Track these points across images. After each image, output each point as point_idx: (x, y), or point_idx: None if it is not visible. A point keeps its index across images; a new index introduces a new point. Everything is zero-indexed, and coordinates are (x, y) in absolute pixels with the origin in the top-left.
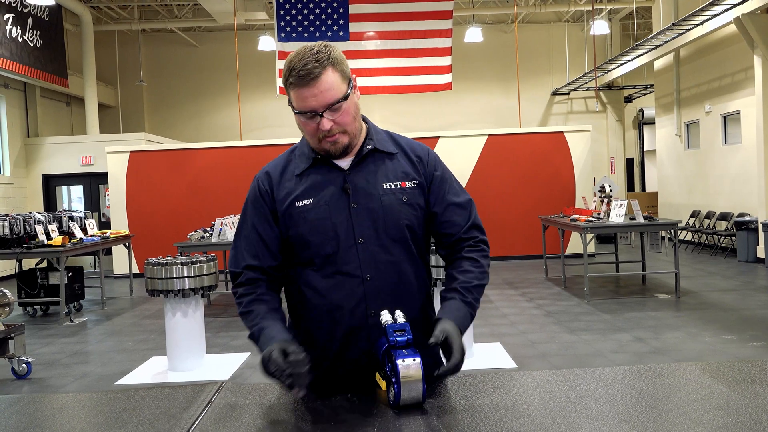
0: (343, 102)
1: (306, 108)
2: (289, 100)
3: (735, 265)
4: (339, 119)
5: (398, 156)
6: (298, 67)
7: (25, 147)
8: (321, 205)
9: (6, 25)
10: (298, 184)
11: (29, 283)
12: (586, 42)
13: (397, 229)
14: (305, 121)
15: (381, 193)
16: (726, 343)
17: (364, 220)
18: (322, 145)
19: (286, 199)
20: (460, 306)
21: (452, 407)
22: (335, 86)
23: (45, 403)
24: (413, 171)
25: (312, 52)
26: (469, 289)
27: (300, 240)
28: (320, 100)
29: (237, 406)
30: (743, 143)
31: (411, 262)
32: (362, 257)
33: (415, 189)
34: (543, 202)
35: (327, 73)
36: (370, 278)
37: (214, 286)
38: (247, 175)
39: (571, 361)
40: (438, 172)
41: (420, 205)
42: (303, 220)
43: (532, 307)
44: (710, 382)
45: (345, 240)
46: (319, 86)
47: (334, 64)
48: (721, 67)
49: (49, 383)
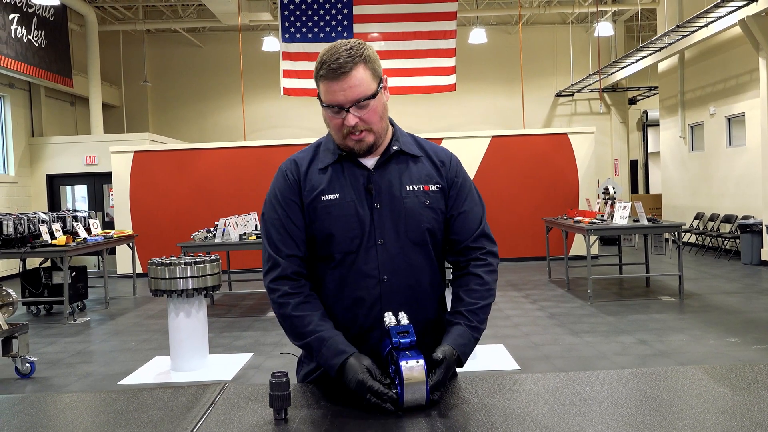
0: (371, 100)
1: (333, 102)
2: (318, 93)
3: (739, 267)
4: (365, 117)
5: (423, 159)
6: (330, 61)
7: (30, 147)
8: (346, 202)
9: (11, 25)
10: (323, 178)
11: (33, 283)
12: (590, 43)
13: (419, 232)
14: (331, 116)
15: (404, 195)
16: (730, 345)
17: (386, 221)
18: (347, 141)
19: (312, 192)
20: (463, 331)
21: (455, 409)
22: (365, 83)
23: (48, 402)
24: (436, 175)
25: (345, 47)
26: (475, 311)
27: (323, 234)
28: (348, 95)
29: (240, 407)
30: (748, 145)
31: (428, 266)
32: (381, 258)
33: (437, 193)
34: (546, 204)
35: (358, 69)
36: (387, 279)
37: (217, 286)
38: (251, 175)
39: (575, 364)
40: (459, 179)
41: (441, 210)
42: (327, 215)
43: (536, 309)
44: (714, 386)
45: (366, 240)
46: (348, 81)
47: (366, 61)
48: (725, 69)
49: (53, 383)
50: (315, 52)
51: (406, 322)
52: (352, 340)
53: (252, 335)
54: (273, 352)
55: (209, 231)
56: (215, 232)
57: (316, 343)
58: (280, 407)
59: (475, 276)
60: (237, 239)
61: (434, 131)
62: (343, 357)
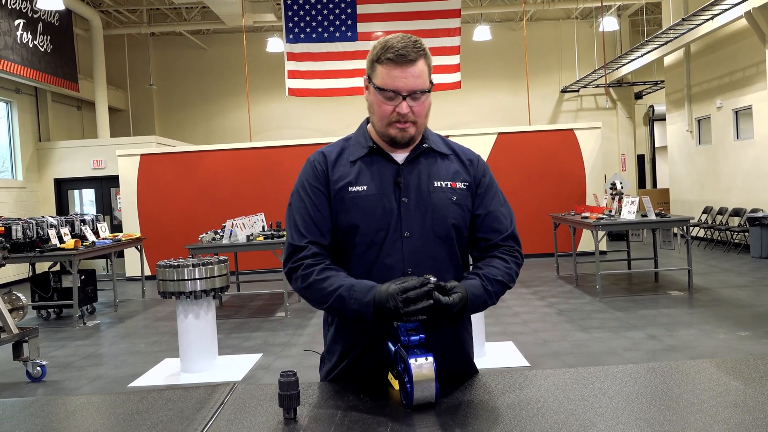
0: (425, 94)
1: (392, 87)
2: (369, 77)
3: (748, 261)
4: (416, 109)
5: (451, 157)
6: (398, 47)
7: (37, 151)
8: (374, 194)
9: (17, 31)
10: (352, 170)
11: (43, 287)
12: (595, 39)
13: (444, 227)
14: (383, 101)
15: (432, 190)
16: (740, 339)
17: (412, 215)
18: (389, 129)
19: (339, 182)
20: (478, 285)
21: (466, 406)
22: (424, 76)
23: (59, 405)
24: (464, 172)
25: (411, 39)
26: (491, 281)
27: (348, 225)
28: (409, 83)
29: (250, 408)
30: (755, 138)
31: (452, 262)
32: (406, 251)
33: (464, 190)
34: (553, 200)
35: (421, 62)
36: (411, 272)
37: (225, 287)
38: (257, 176)
39: (584, 360)
40: (485, 179)
41: (467, 207)
42: (354, 206)
43: (544, 305)
44: (726, 379)
45: (392, 232)
46: (412, 71)
47: (426, 57)
48: (732, 62)
49: (63, 386)
50: (319, 52)
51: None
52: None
53: (261, 336)
54: (282, 352)
55: (216, 232)
56: (222, 233)
57: (346, 292)
58: (290, 407)
59: (499, 258)
60: (244, 240)
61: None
62: (375, 289)
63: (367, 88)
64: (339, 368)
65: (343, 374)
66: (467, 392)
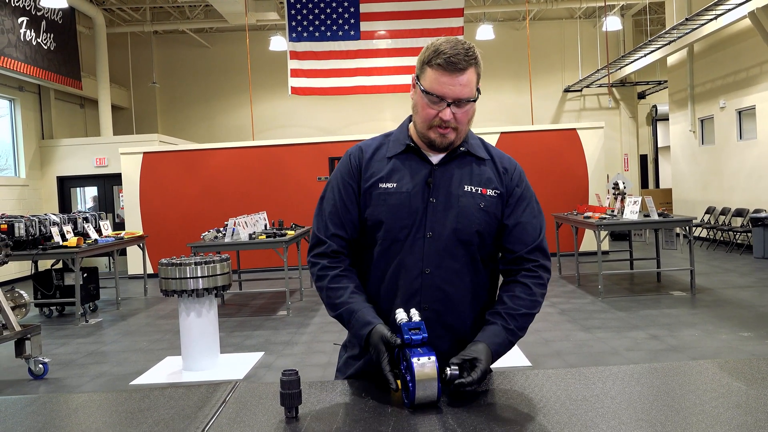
0: (470, 103)
1: (439, 92)
2: (418, 77)
3: (751, 261)
4: (459, 116)
5: (487, 163)
6: (450, 53)
7: (40, 149)
8: (402, 192)
9: (20, 29)
10: (386, 166)
11: (45, 284)
12: (598, 38)
13: (469, 232)
14: (428, 104)
15: (461, 194)
16: (743, 340)
17: (438, 216)
18: (430, 132)
19: (371, 178)
20: (500, 332)
21: (467, 406)
22: (471, 85)
23: (61, 402)
24: (497, 180)
25: (464, 46)
26: (514, 317)
27: (374, 220)
28: (456, 91)
29: (251, 406)
30: (759, 138)
31: (472, 269)
32: (427, 251)
33: (494, 198)
34: (556, 200)
35: (471, 71)
36: (429, 273)
37: (227, 285)
38: (259, 174)
39: (586, 360)
40: (519, 189)
41: (496, 216)
42: (382, 202)
43: (546, 305)
44: (728, 380)
45: (416, 231)
46: (461, 79)
47: (477, 65)
48: (735, 62)
49: (65, 383)
50: (322, 51)
51: (417, 319)
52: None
53: (263, 334)
54: (284, 351)
55: (219, 231)
56: (225, 231)
57: (347, 315)
58: (291, 405)
59: (522, 285)
60: (247, 239)
61: None
62: (369, 328)
63: (413, 87)
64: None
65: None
66: (469, 392)
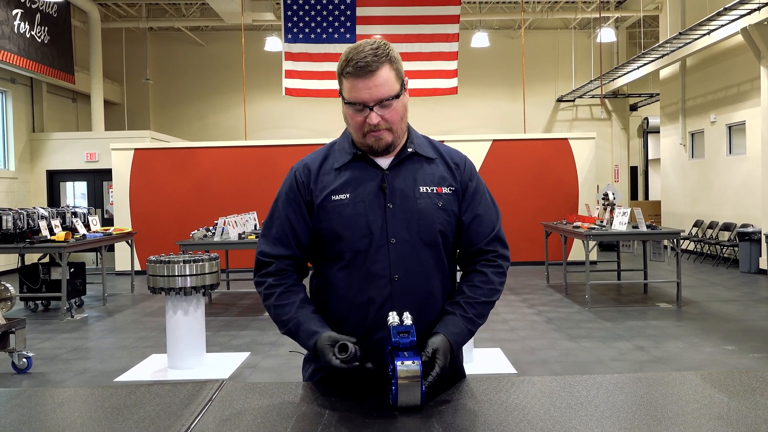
0: (394, 100)
1: (357, 100)
2: (340, 90)
3: (737, 275)
4: (387, 116)
5: (437, 161)
6: (357, 59)
7: (30, 142)
8: (357, 202)
9: (14, 21)
10: (336, 178)
11: (31, 278)
12: (592, 49)
13: (431, 233)
14: (353, 113)
15: (417, 196)
16: (727, 353)
17: (398, 221)
18: (366, 139)
19: (322, 192)
20: (458, 322)
21: (452, 411)
22: (389, 83)
23: (46, 397)
24: (450, 177)
25: (372, 46)
26: (473, 305)
27: (332, 234)
28: (373, 93)
29: (238, 405)
30: (748, 154)
31: (439, 268)
32: (393, 257)
33: (450, 195)
34: (546, 209)
35: (383, 69)
36: (398, 279)
37: (215, 284)
38: (251, 175)
39: (571, 368)
40: (472, 182)
41: (454, 212)
42: (338, 215)
43: (533, 313)
44: (711, 392)
45: (378, 239)
46: (374, 80)
47: (391, 61)
48: (727, 78)
49: (49, 378)
50: (317, 53)
51: (409, 322)
52: (360, 339)
53: (249, 334)
54: (270, 351)
55: (208, 230)
56: (214, 230)
57: (294, 329)
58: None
59: (480, 273)
60: (236, 238)
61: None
62: (315, 338)
63: None
64: (323, 371)
65: (328, 376)
66: (454, 396)
